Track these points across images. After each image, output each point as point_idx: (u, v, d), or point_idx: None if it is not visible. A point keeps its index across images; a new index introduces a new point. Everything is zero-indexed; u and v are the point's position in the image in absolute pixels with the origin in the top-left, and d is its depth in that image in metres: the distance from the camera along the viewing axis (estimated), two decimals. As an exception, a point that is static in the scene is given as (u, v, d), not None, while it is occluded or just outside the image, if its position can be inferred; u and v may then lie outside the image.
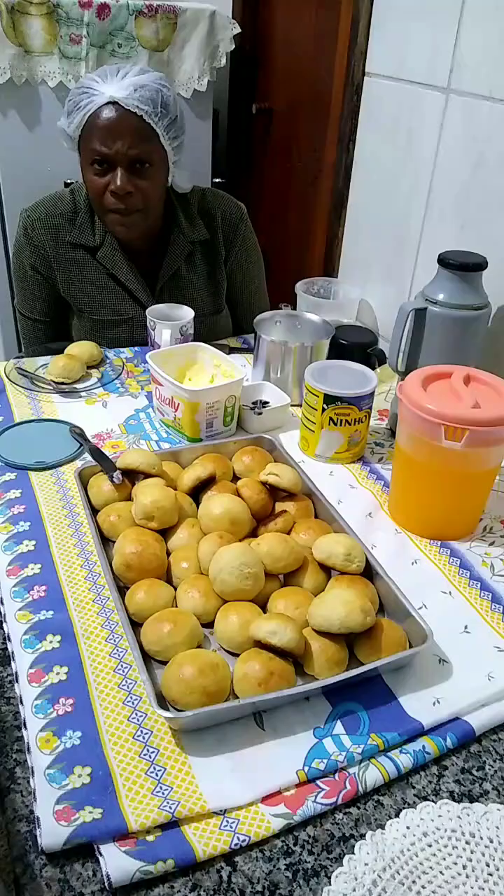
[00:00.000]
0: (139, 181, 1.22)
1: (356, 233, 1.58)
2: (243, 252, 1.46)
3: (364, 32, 1.40)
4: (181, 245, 1.37)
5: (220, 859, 0.59)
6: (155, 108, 1.18)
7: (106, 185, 1.22)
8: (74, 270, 1.36)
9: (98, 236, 1.34)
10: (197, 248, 1.41)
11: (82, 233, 1.33)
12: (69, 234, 1.33)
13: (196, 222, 1.39)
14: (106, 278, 1.36)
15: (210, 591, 0.79)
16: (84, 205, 1.34)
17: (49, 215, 1.33)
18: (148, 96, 1.18)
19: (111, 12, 1.79)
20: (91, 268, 1.36)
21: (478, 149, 1.17)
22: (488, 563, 0.91)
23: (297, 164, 1.98)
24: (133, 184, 1.22)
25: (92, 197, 1.27)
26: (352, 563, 0.82)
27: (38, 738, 0.65)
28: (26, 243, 1.35)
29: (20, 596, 0.81)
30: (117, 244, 1.34)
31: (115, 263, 1.35)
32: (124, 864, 0.57)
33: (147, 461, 0.94)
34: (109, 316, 1.39)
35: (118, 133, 1.17)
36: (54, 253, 1.34)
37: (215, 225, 1.41)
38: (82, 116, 1.18)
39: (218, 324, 1.48)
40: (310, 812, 0.62)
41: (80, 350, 1.30)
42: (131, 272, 1.36)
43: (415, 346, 1.06)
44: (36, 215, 1.33)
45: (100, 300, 1.38)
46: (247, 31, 2.04)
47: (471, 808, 0.63)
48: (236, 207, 1.44)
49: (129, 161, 1.20)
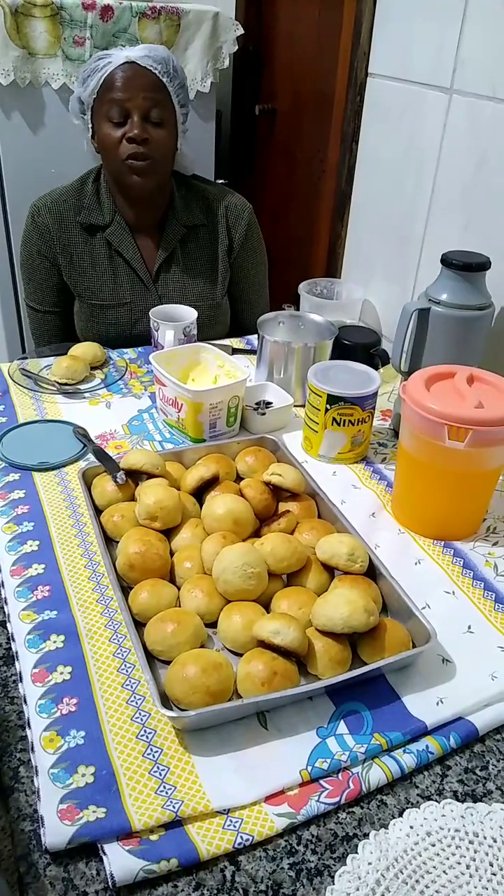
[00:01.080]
0: (154, 130, 1.28)
1: (359, 233, 1.58)
2: (250, 248, 1.49)
3: (367, 33, 1.40)
4: (176, 228, 1.41)
5: (223, 858, 0.59)
6: (167, 69, 1.27)
7: (122, 135, 1.28)
8: (77, 254, 1.40)
9: (107, 215, 1.39)
10: (195, 232, 1.44)
11: (91, 212, 1.38)
12: (78, 216, 1.38)
13: (192, 208, 1.43)
14: (108, 260, 1.40)
15: (213, 591, 0.79)
16: (91, 189, 1.39)
17: (54, 201, 1.39)
18: (160, 57, 1.28)
19: (114, 14, 1.79)
20: (94, 250, 1.40)
21: (481, 148, 1.17)
22: (492, 563, 0.91)
23: (300, 165, 1.98)
24: (148, 132, 1.27)
25: (106, 151, 1.31)
26: (355, 562, 0.82)
27: (42, 738, 0.66)
28: (33, 230, 1.40)
29: (24, 596, 0.81)
30: (124, 223, 1.39)
31: (121, 241, 1.39)
32: (128, 863, 0.57)
33: (150, 461, 0.95)
34: (108, 300, 1.42)
35: (135, 84, 1.26)
36: (58, 236, 1.38)
37: (216, 214, 1.45)
38: (99, 77, 1.26)
39: (218, 313, 1.49)
40: (313, 811, 0.62)
41: (83, 351, 1.30)
42: (135, 251, 1.40)
43: (418, 347, 1.06)
44: (42, 203, 1.39)
45: (100, 283, 1.41)
46: (250, 32, 2.04)
47: (474, 808, 0.63)
48: (241, 201, 1.48)
49: (144, 110, 1.27)
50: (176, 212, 1.41)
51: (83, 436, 1.09)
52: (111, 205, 1.39)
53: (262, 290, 1.57)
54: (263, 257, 1.55)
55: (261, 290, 1.56)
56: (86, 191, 1.39)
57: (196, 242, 1.44)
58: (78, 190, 1.40)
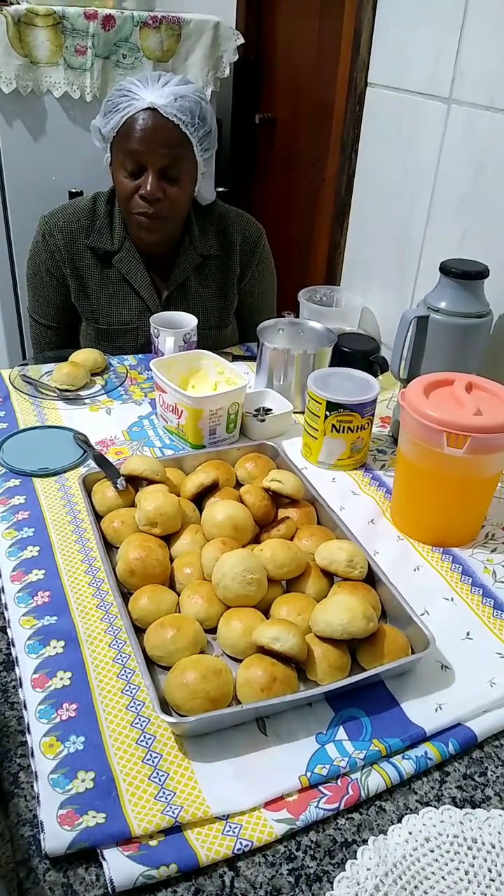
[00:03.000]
0: (169, 188, 1.25)
1: (358, 241, 1.58)
2: (258, 273, 1.49)
3: (366, 43, 1.41)
4: (191, 257, 1.39)
5: (222, 864, 0.59)
6: (192, 119, 1.22)
7: (136, 188, 1.25)
8: (86, 277, 1.38)
9: (117, 241, 1.36)
10: (209, 262, 1.42)
11: (100, 237, 1.35)
12: (87, 239, 1.35)
13: (209, 237, 1.41)
14: (117, 285, 1.38)
15: (213, 597, 0.79)
16: (104, 211, 1.36)
17: (67, 222, 1.35)
18: (187, 107, 1.21)
19: (116, 23, 1.81)
20: (103, 275, 1.38)
21: (479, 158, 1.18)
22: (490, 569, 0.91)
23: (300, 174, 2.00)
24: (163, 190, 1.24)
25: (120, 198, 1.29)
26: (354, 569, 0.82)
27: (42, 743, 0.66)
28: (43, 248, 1.37)
29: (24, 601, 0.81)
30: (135, 250, 1.36)
31: (130, 269, 1.37)
32: (127, 868, 0.57)
33: (151, 467, 0.95)
34: (115, 325, 1.40)
35: (154, 138, 1.20)
36: (69, 258, 1.36)
37: (233, 243, 1.43)
38: (120, 118, 1.21)
39: (223, 336, 1.49)
40: (312, 817, 0.62)
41: (84, 357, 1.31)
42: (145, 279, 1.38)
43: (417, 354, 1.06)
44: (54, 221, 1.36)
45: (108, 308, 1.39)
46: (250, 42, 2.06)
47: (473, 814, 0.63)
48: (256, 228, 1.46)
49: (161, 167, 1.23)
50: (193, 240, 1.38)
51: (84, 442, 1.10)
52: (122, 231, 1.36)
53: (269, 312, 1.55)
54: (273, 281, 1.54)
55: (269, 313, 1.54)
56: (98, 212, 1.36)
57: (209, 270, 1.42)
58: (90, 210, 1.36)
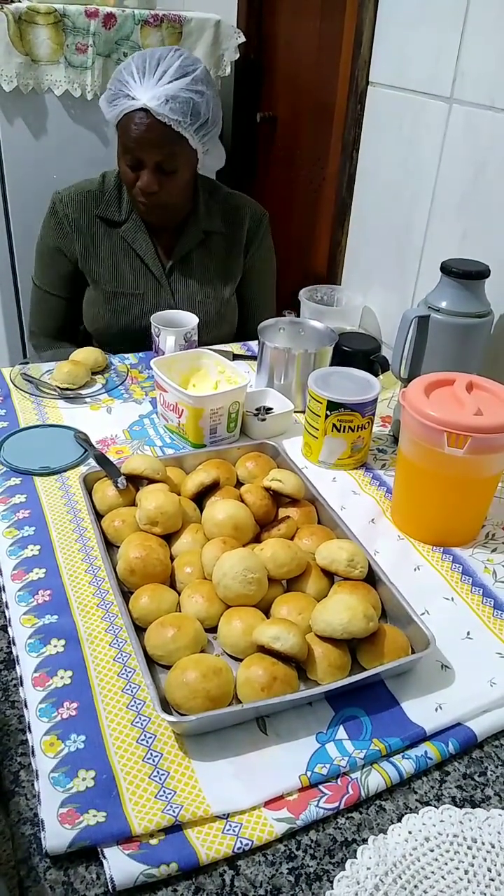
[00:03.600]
0: (165, 180, 1.30)
1: (359, 240, 1.58)
2: (262, 251, 1.53)
3: (367, 42, 1.41)
4: (195, 232, 1.44)
5: (223, 863, 0.59)
6: (185, 118, 1.24)
7: (136, 178, 1.31)
8: (95, 242, 1.43)
9: (124, 213, 1.42)
10: (213, 238, 1.47)
11: (109, 208, 1.42)
12: (97, 209, 1.41)
13: (214, 215, 1.46)
14: (124, 252, 1.43)
15: (213, 596, 0.80)
16: (113, 185, 1.42)
17: (77, 192, 1.42)
18: (178, 108, 1.23)
19: (117, 22, 1.81)
20: (112, 241, 1.43)
21: (480, 157, 1.17)
22: (490, 569, 0.91)
23: (301, 173, 1.99)
24: (159, 182, 1.30)
25: (124, 182, 1.36)
26: (354, 568, 0.82)
27: (43, 742, 0.66)
28: (52, 217, 1.43)
29: (25, 600, 0.81)
30: (140, 222, 1.42)
31: (136, 238, 1.42)
32: (128, 867, 0.57)
33: (151, 466, 0.95)
34: (122, 288, 1.44)
35: (147, 140, 1.26)
36: (77, 224, 1.41)
37: (240, 220, 1.48)
38: (118, 112, 1.27)
39: (226, 311, 1.51)
40: (312, 816, 0.62)
41: (84, 356, 1.31)
42: (149, 248, 1.43)
43: (417, 353, 1.06)
44: (65, 192, 1.43)
45: (115, 272, 1.44)
46: (251, 40, 2.05)
47: (473, 814, 0.63)
48: (261, 210, 1.53)
49: (156, 163, 1.28)
50: (198, 217, 1.44)
51: (84, 441, 1.10)
52: (129, 203, 1.42)
53: (269, 296, 1.61)
54: (273, 264, 1.59)
55: (268, 295, 1.60)
56: (107, 185, 1.43)
57: (213, 246, 1.47)
58: (100, 184, 1.43)
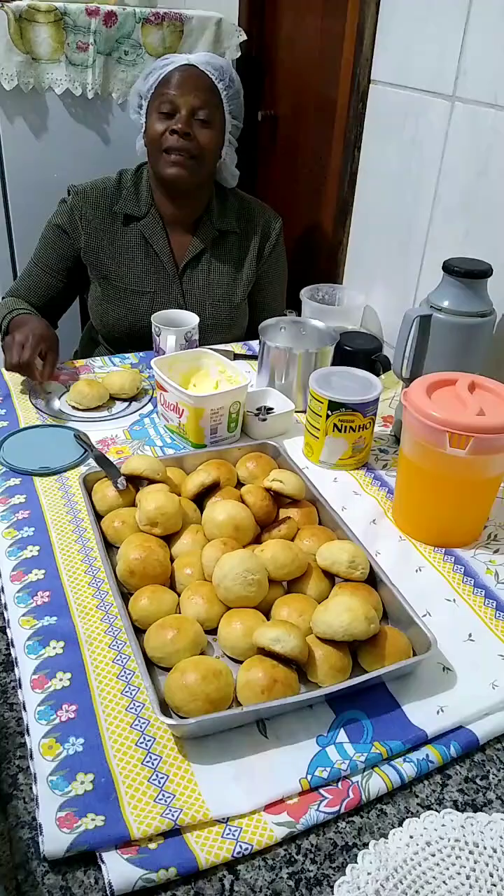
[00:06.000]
0: (199, 129, 1.33)
1: (361, 239, 1.58)
2: (275, 256, 1.54)
3: (370, 40, 1.40)
4: (209, 230, 1.45)
5: (222, 867, 0.59)
6: (222, 75, 1.34)
7: (167, 127, 1.32)
8: (107, 238, 1.43)
9: (144, 207, 1.43)
10: (227, 238, 1.47)
11: (127, 202, 1.43)
12: (115, 205, 1.42)
13: (229, 215, 1.47)
14: (137, 249, 1.44)
15: (214, 598, 0.79)
16: (130, 181, 1.44)
17: (91, 188, 1.43)
18: (219, 64, 1.35)
19: (118, 20, 1.80)
20: (125, 238, 1.44)
21: (482, 156, 1.17)
22: (493, 570, 0.90)
23: (303, 171, 1.99)
24: (192, 128, 1.32)
25: (151, 143, 1.36)
26: (356, 570, 0.81)
27: (41, 745, 0.65)
28: (62, 207, 1.44)
29: (24, 601, 0.81)
30: (159, 217, 1.43)
31: (154, 233, 1.43)
32: (126, 871, 0.57)
33: (151, 467, 0.95)
34: (133, 286, 1.45)
35: (188, 83, 1.32)
36: (86, 217, 1.42)
37: (255, 224, 1.49)
38: (158, 75, 1.34)
39: (237, 315, 1.51)
40: (313, 821, 0.62)
41: (111, 380, 1.23)
42: (165, 245, 1.44)
43: (419, 353, 1.06)
44: (80, 187, 1.44)
45: (127, 269, 1.44)
46: (253, 39, 2.05)
47: (474, 818, 0.62)
48: (275, 216, 1.53)
49: (193, 107, 1.32)
50: (212, 215, 1.45)
51: (84, 441, 1.09)
52: (149, 198, 1.43)
53: (280, 301, 1.61)
54: (285, 271, 1.60)
55: (279, 301, 1.60)
56: (124, 182, 1.44)
57: (227, 246, 1.48)
58: (116, 181, 1.45)
